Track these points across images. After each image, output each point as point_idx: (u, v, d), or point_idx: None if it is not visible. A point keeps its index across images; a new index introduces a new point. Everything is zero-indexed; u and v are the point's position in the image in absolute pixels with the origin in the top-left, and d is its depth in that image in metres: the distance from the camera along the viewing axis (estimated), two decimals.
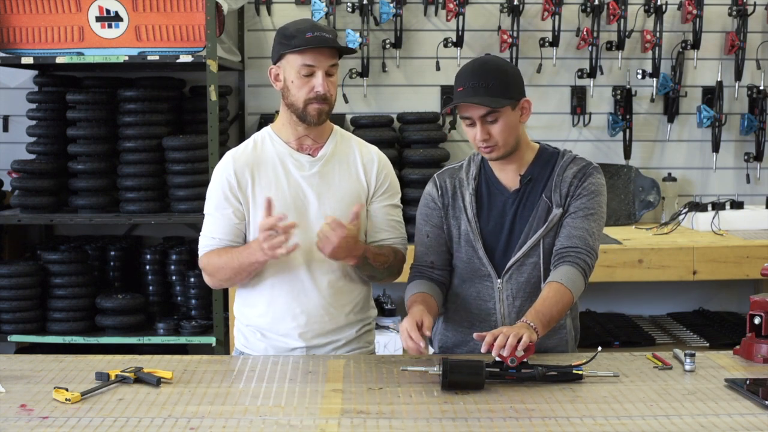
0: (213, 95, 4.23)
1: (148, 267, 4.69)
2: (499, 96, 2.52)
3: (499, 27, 4.78)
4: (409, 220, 2.95)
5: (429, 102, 4.84)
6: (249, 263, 2.63)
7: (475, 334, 2.39)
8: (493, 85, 2.51)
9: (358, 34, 4.67)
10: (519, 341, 2.28)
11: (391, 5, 4.73)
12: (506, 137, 2.56)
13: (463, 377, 2.27)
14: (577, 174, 2.62)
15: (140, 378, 2.35)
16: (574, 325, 2.74)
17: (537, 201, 2.61)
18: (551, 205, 2.60)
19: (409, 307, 2.57)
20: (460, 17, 4.68)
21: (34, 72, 4.78)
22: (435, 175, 2.75)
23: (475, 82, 2.52)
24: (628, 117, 4.87)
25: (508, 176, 2.66)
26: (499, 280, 2.63)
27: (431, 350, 2.79)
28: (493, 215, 2.65)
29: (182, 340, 4.42)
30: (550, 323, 2.44)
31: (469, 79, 2.53)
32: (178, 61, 4.29)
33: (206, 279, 2.77)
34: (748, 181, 4.95)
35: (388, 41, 4.82)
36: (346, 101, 4.81)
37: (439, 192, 2.70)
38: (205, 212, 2.76)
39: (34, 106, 4.66)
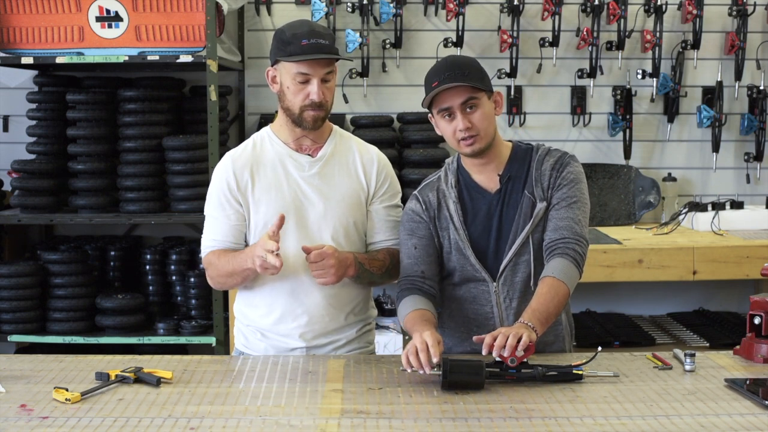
0: (213, 95, 4.23)
1: (148, 267, 4.69)
2: (478, 82, 2.53)
3: (499, 27, 4.78)
4: None
5: None
6: (242, 269, 2.63)
7: (474, 338, 2.39)
8: (470, 73, 2.52)
9: (358, 34, 4.67)
10: (519, 341, 2.28)
11: (391, 5, 4.73)
12: (486, 126, 2.55)
13: (463, 377, 2.27)
14: (554, 165, 2.61)
15: (140, 378, 2.35)
16: (568, 319, 2.74)
17: (520, 198, 2.60)
18: (535, 200, 2.59)
19: (411, 329, 2.48)
20: (460, 17, 4.69)
21: (34, 72, 4.78)
22: (415, 192, 2.71)
23: (451, 71, 2.52)
24: (628, 117, 4.87)
25: (487, 178, 2.64)
26: (494, 284, 2.61)
27: None
28: (479, 219, 2.63)
29: (182, 340, 4.42)
30: (548, 320, 2.44)
31: (444, 71, 2.53)
32: (178, 61, 4.29)
33: (209, 281, 2.78)
34: (748, 181, 4.95)
35: (388, 41, 4.82)
36: (346, 101, 4.81)
37: (424, 207, 2.66)
38: (205, 213, 2.77)
39: (34, 106, 4.66)
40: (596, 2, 4.75)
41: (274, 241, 2.48)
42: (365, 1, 4.73)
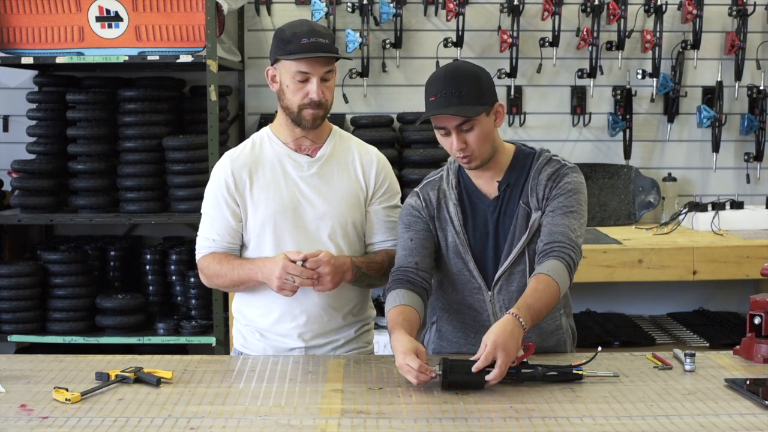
0: (213, 95, 4.23)
1: (148, 267, 4.69)
2: (473, 104, 2.44)
3: (499, 27, 4.78)
4: None
5: None
6: (249, 278, 2.65)
7: (473, 368, 2.27)
8: (466, 92, 2.44)
9: (358, 34, 4.67)
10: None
11: (391, 5, 4.73)
12: (482, 145, 2.49)
13: (463, 377, 2.27)
14: (551, 176, 2.56)
15: (140, 378, 2.35)
16: (569, 323, 2.72)
17: (516, 208, 2.56)
18: (530, 210, 2.55)
19: (391, 329, 2.44)
20: (460, 17, 4.69)
21: (34, 72, 4.78)
22: (416, 189, 2.67)
23: (448, 90, 2.44)
24: (628, 117, 4.87)
25: (486, 183, 2.60)
26: (489, 292, 2.59)
27: None
28: (477, 225, 2.60)
29: (182, 340, 4.42)
30: (538, 317, 2.39)
31: (441, 87, 2.45)
32: (178, 61, 4.29)
33: (203, 279, 2.79)
34: (748, 181, 4.95)
35: (388, 41, 4.82)
36: (346, 101, 4.81)
37: (424, 204, 2.62)
38: (202, 212, 2.77)
39: (34, 106, 4.65)
40: (596, 2, 4.75)
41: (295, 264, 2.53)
42: (365, 1, 4.73)
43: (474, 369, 2.25)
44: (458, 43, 4.74)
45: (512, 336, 2.28)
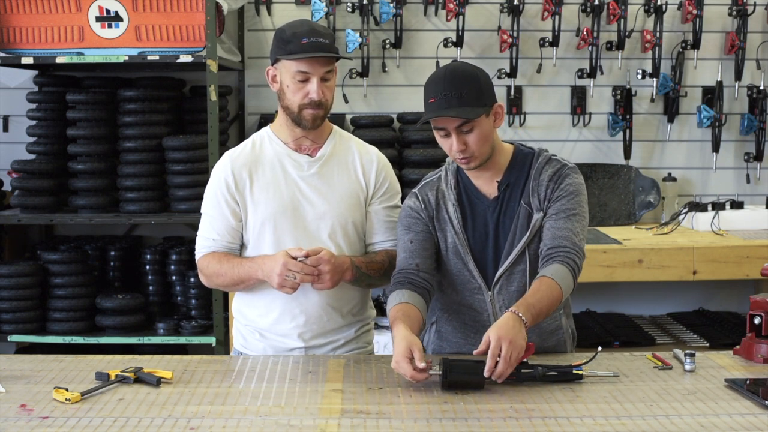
0: (213, 95, 4.23)
1: (148, 267, 4.69)
2: (473, 105, 2.44)
3: (499, 27, 4.78)
4: None
5: None
6: (249, 277, 2.65)
7: (474, 352, 2.31)
8: (466, 93, 2.43)
9: (358, 34, 4.67)
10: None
11: (391, 5, 4.73)
12: (482, 146, 2.49)
13: (462, 377, 2.27)
14: (552, 177, 2.56)
15: (140, 378, 2.35)
16: (569, 324, 2.72)
17: (516, 208, 2.56)
18: (531, 211, 2.55)
19: (391, 324, 2.44)
20: (460, 17, 4.69)
21: (34, 72, 4.78)
22: (415, 189, 2.67)
23: (447, 91, 2.44)
24: (628, 117, 4.87)
25: (486, 183, 2.60)
26: (489, 292, 2.59)
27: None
28: (476, 225, 2.59)
29: (182, 340, 4.42)
30: (539, 317, 2.39)
31: (441, 89, 2.45)
32: (178, 61, 4.29)
33: (203, 279, 2.79)
34: (748, 181, 4.95)
35: (388, 41, 4.82)
36: (346, 101, 4.81)
37: (423, 205, 2.62)
38: (202, 212, 2.77)
39: (34, 106, 4.66)
40: (596, 2, 4.75)
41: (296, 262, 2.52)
42: (365, 1, 4.73)
43: (486, 373, 2.24)
44: (458, 43, 4.74)
45: (515, 329, 2.28)
